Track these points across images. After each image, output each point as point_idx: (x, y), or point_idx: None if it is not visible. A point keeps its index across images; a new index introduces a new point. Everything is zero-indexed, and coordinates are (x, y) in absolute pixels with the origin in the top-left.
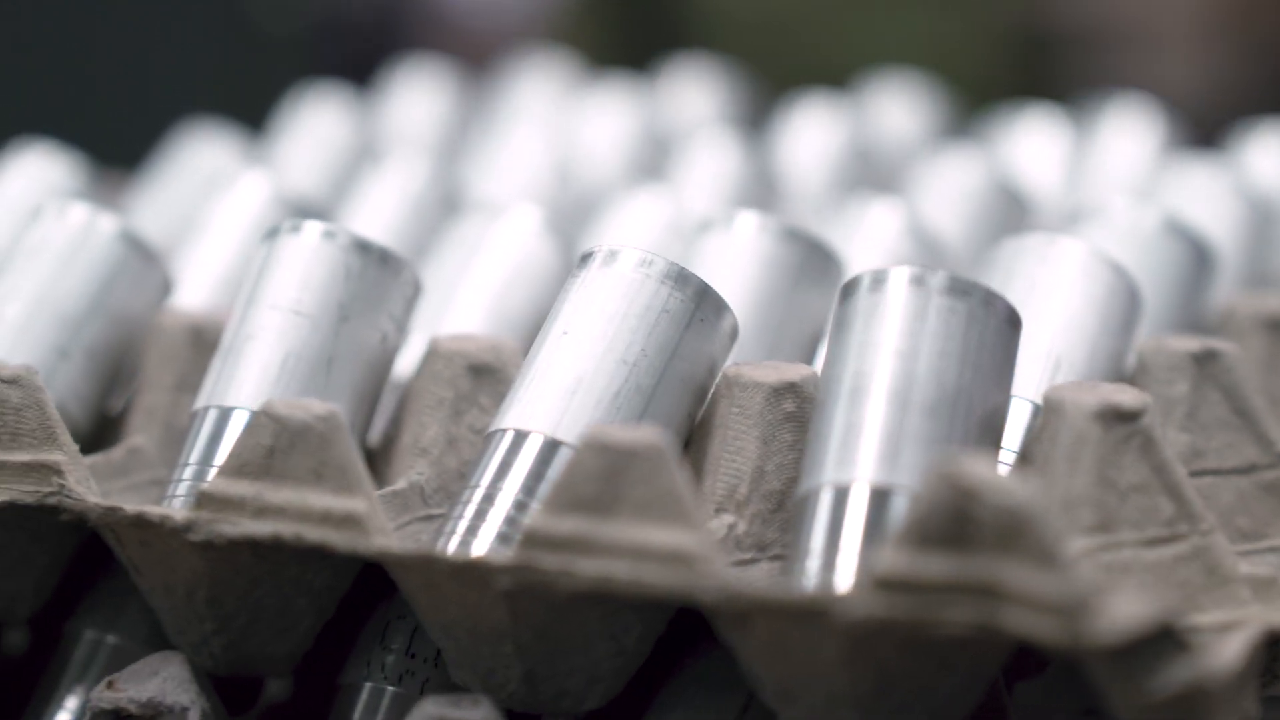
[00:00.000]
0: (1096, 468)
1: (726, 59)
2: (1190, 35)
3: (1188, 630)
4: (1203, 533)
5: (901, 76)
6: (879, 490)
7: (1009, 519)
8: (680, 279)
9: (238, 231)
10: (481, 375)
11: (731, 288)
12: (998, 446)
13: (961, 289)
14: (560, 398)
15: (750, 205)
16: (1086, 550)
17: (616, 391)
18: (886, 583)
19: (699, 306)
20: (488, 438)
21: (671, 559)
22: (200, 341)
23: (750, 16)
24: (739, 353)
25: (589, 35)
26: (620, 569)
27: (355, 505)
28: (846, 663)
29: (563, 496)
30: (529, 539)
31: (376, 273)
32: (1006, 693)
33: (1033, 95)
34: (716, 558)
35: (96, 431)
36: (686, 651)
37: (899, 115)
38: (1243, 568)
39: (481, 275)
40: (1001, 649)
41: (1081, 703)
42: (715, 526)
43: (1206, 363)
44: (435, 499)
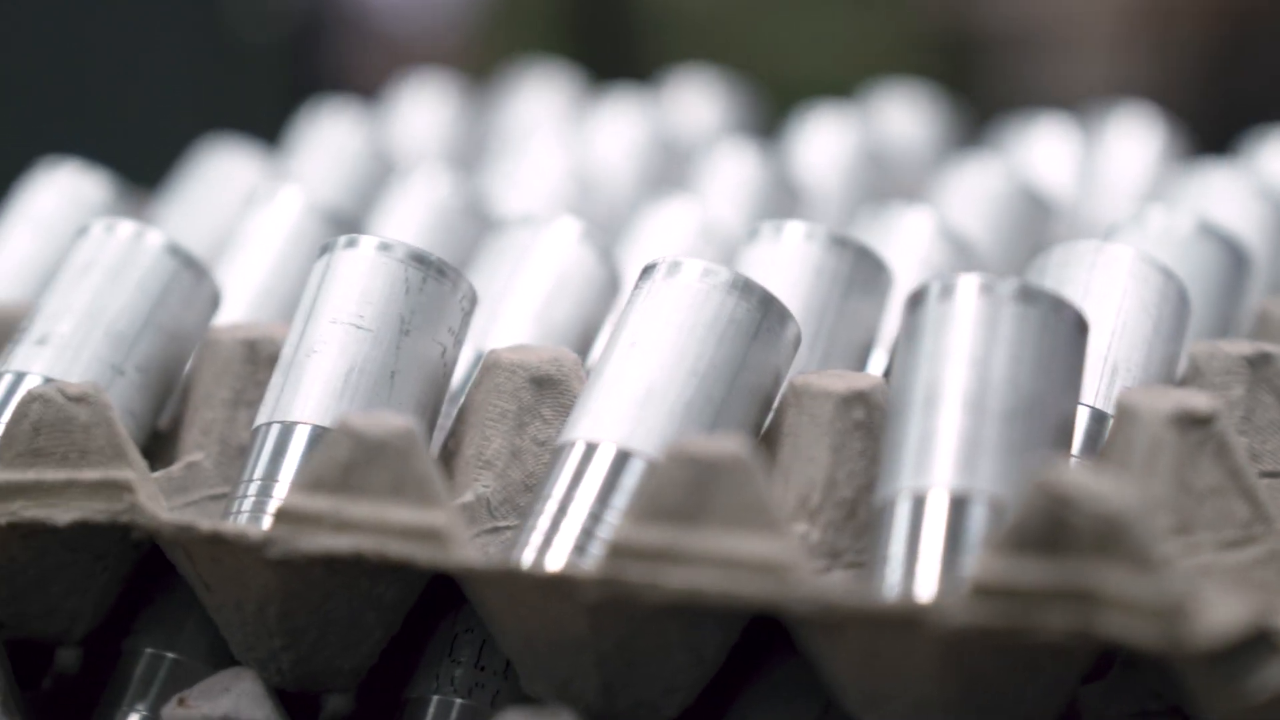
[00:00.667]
0: (1174, 472)
1: (651, 60)
2: (1110, 37)
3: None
4: (1278, 534)
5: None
6: (958, 497)
7: (1106, 524)
8: (745, 289)
9: (275, 245)
10: (544, 387)
11: (783, 297)
12: (1070, 452)
13: (1030, 296)
14: (631, 408)
15: (773, 213)
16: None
17: (688, 402)
18: (983, 590)
19: (765, 316)
20: (557, 449)
21: (762, 569)
22: (255, 356)
23: (670, 17)
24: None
25: (513, 38)
26: (709, 580)
27: (436, 519)
28: (939, 670)
29: (649, 508)
30: (616, 550)
31: (435, 286)
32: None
33: (956, 98)
34: (806, 567)
35: (147, 448)
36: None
37: (907, 122)
38: None
39: (526, 287)
40: (1087, 654)
41: (1137, 704)
42: None
43: (1261, 366)
44: (501, 511)
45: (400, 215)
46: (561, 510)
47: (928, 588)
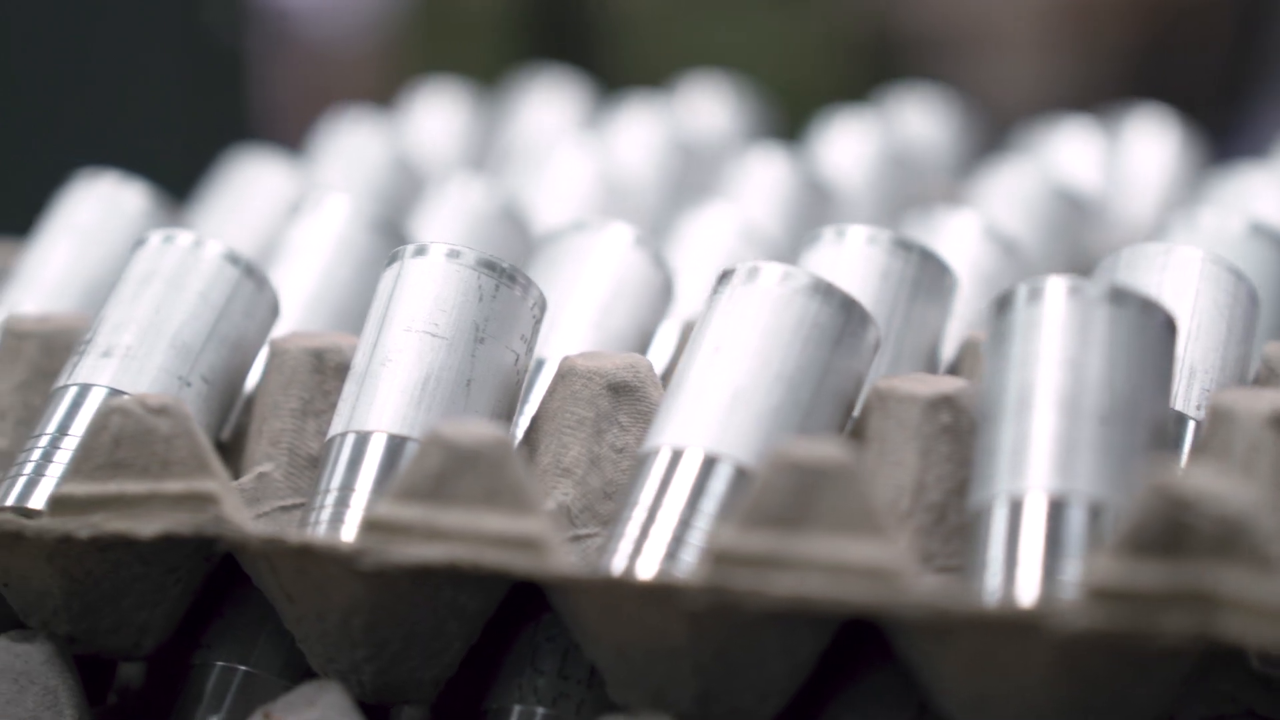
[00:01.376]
0: (1273, 473)
1: (566, 64)
2: (1034, 40)
3: None
4: None
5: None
6: (1056, 499)
7: (1226, 526)
8: (827, 292)
9: (324, 253)
10: (620, 393)
11: None
12: (1166, 454)
13: (1119, 297)
14: (718, 414)
15: (806, 218)
16: None
17: (776, 407)
18: (1102, 594)
19: (847, 320)
20: (641, 456)
21: (870, 574)
22: (322, 366)
23: (601, 20)
24: None
25: (439, 44)
26: (815, 586)
27: (532, 527)
28: (1052, 673)
29: (752, 514)
30: (720, 557)
31: (508, 292)
32: None
33: (879, 100)
34: (915, 572)
35: None
36: (849, 664)
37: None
38: None
39: (584, 294)
40: (1197, 655)
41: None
42: None
43: None
44: (582, 519)
45: (439, 222)
46: (650, 517)
47: (1029, 591)
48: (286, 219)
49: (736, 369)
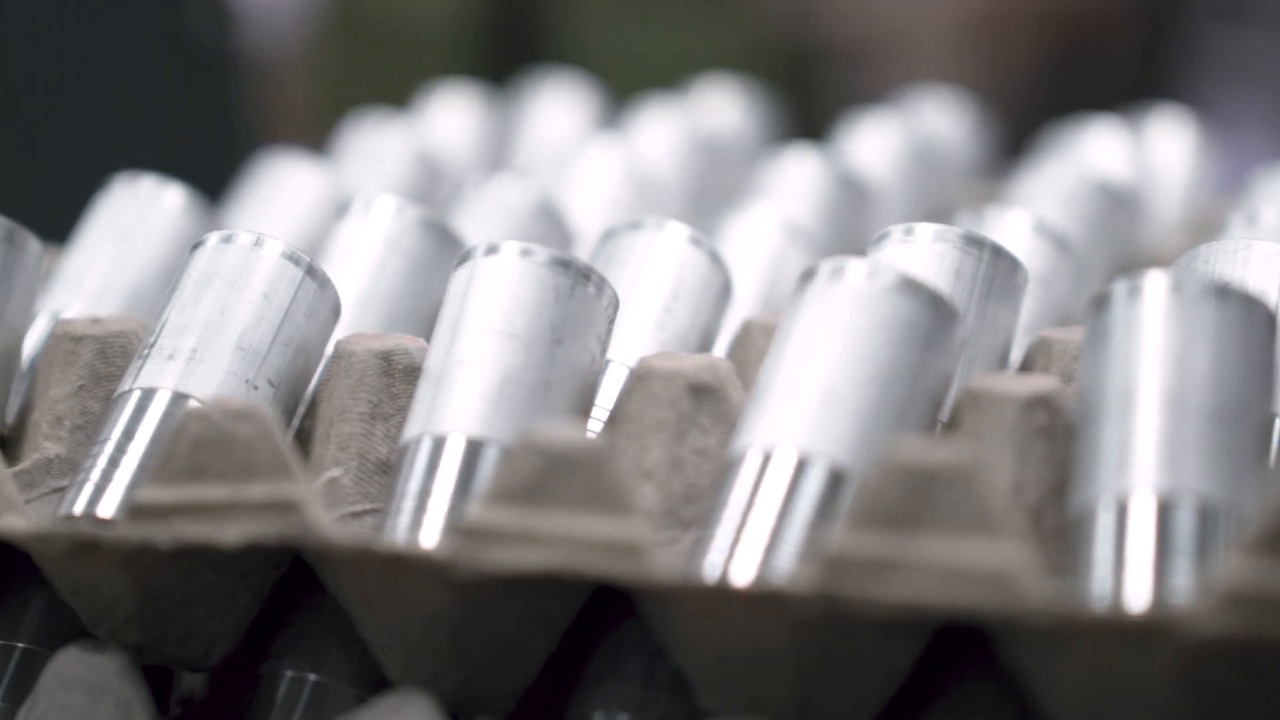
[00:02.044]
0: None
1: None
2: (946, 47)
3: None
4: None
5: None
6: (1165, 499)
7: None
8: (912, 289)
9: (372, 254)
10: (701, 395)
11: None
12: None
13: (1221, 293)
14: (810, 414)
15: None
16: None
17: (869, 406)
18: (1235, 599)
19: (936, 316)
20: (730, 457)
21: (988, 580)
22: (390, 369)
23: (521, 25)
24: None
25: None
26: (930, 591)
27: (632, 531)
28: (1177, 680)
29: (863, 516)
30: (832, 562)
31: (583, 292)
32: None
33: (796, 107)
34: (1036, 576)
35: None
36: (938, 670)
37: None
38: None
39: (645, 293)
40: None
41: None
42: None
43: None
44: (664, 523)
45: (480, 220)
46: (744, 519)
47: (1140, 594)
48: (334, 220)
49: (827, 368)
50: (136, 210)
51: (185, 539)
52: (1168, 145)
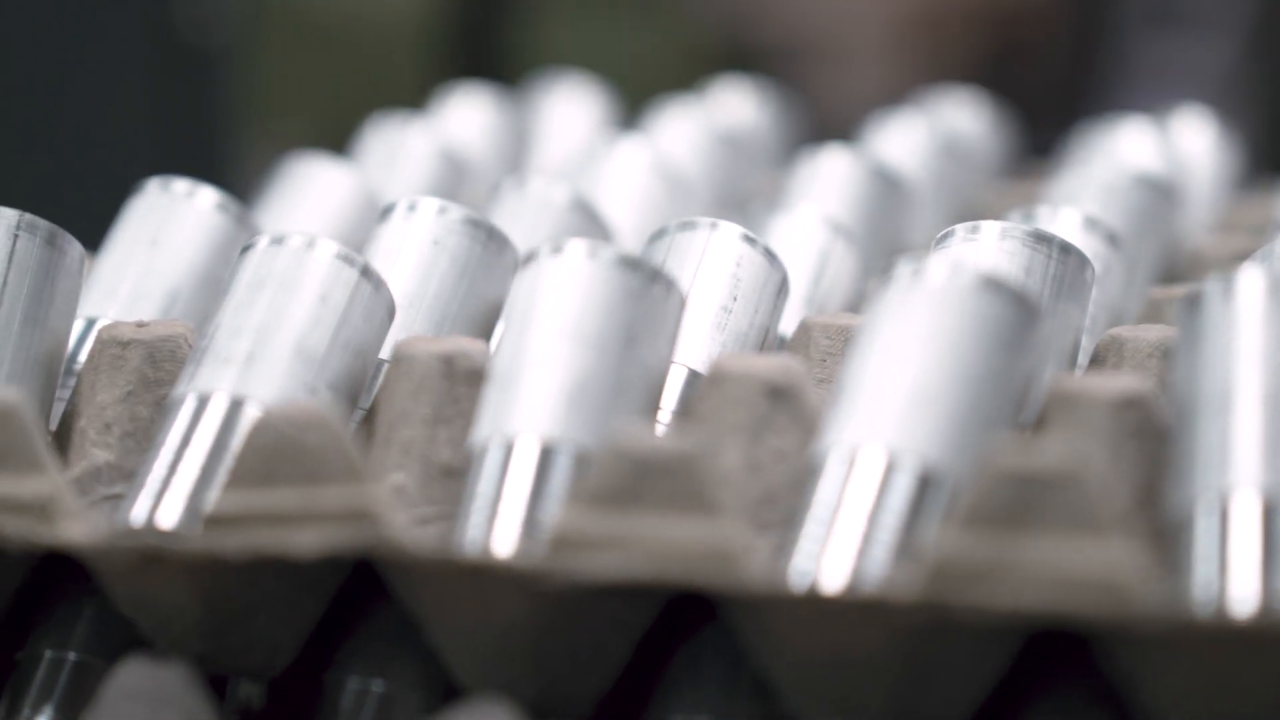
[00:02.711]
0: None
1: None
2: (882, 48)
3: None
4: None
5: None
6: (1269, 497)
7: None
8: (995, 287)
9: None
10: (778, 397)
11: None
12: None
13: None
14: (896, 413)
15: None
16: None
17: (964, 404)
18: None
19: (1019, 314)
20: (813, 459)
21: (1100, 585)
22: (452, 372)
23: (440, 24)
24: None
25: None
26: (1039, 597)
27: (726, 537)
28: None
29: (969, 520)
30: (938, 569)
31: (652, 291)
32: None
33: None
34: (1146, 581)
35: None
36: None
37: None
38: None
39: (702, 293)
40: None
41: None
42: None
43: None
44: None
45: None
46: (833, 520)
47: (1247, 595)
48: (377, 222)
49: (913, 367)
50: (170, 212)
51: (258, 549)
52: (1193, 143)
